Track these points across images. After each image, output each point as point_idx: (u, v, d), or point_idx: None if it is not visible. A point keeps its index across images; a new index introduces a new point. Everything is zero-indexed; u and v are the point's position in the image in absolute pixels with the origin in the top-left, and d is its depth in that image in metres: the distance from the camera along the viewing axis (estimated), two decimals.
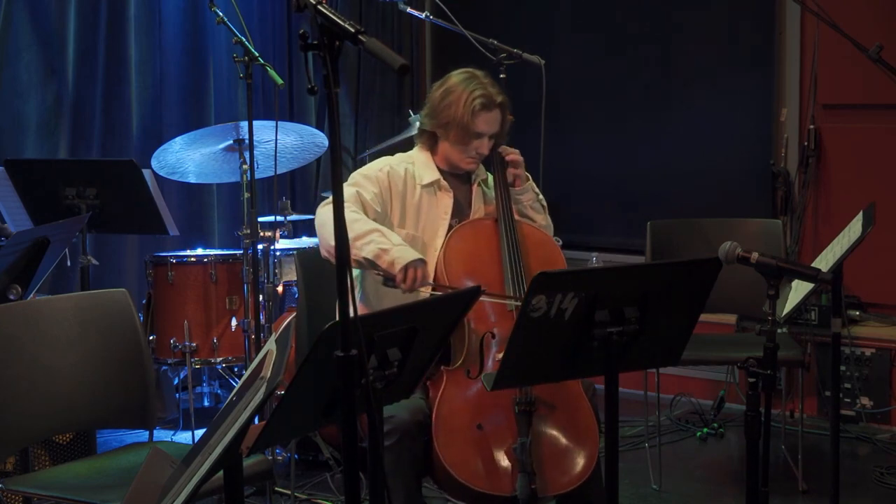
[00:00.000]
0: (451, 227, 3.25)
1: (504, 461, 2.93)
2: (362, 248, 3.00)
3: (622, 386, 2.55)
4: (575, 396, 3.06)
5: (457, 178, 3.36)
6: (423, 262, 3.02)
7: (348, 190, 3.16)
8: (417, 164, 3.31)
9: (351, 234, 2.98)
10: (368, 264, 3.03)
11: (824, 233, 4.94)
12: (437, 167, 3.32)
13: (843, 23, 3.77)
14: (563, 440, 3.01)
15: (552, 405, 3.01)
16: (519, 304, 3.05)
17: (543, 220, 3.43)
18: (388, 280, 3.01)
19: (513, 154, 3.33)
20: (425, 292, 3.02)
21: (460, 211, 3.32)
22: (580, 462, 2.99)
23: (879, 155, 4.95)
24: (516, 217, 3.30)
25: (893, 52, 3.70)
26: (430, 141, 3.33)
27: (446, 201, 3.29)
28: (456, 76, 3.30)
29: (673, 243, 4.30)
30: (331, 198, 3.09)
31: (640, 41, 5.64)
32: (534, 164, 3.94)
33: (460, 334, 3.07)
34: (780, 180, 5.16)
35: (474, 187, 3.38)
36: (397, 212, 3.24)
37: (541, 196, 3.43)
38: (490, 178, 3.43)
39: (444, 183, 3.30)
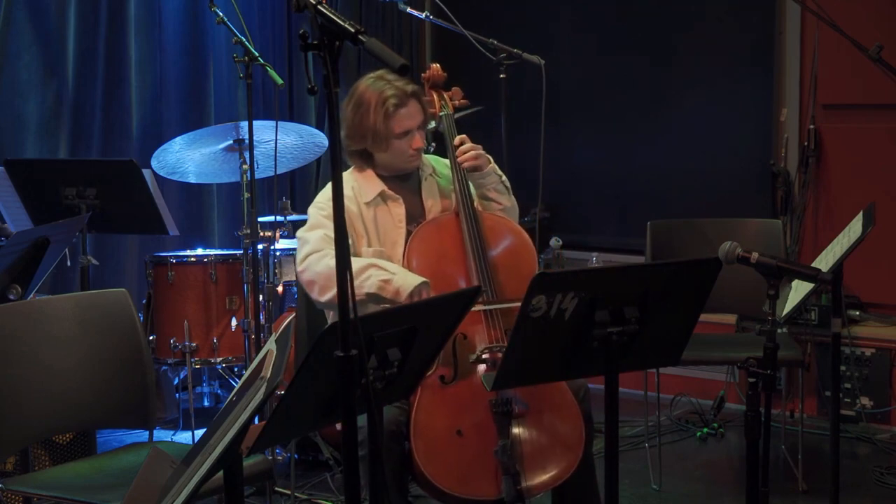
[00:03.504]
0: (409, 232, 3.18)
1: (487, 465, 2.89)
2: (363, 286, 2.98)
3: (622, 386, 2.54)
4: (554, 392, 3.02)
5: (403, 181, 3.28)
6: (427, 284, 2.99)
7: (314, 234, 3.12)
8: (359, 183, 3.23)
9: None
10: (372, 299, 3.00)
11: (824, 233, 4.94)
12: (380, 177, 3.24)
13: (843, 23, 3.76)
14: (544, 438, 2.97)
15: (530, 403, 2.97)
16: (490, 307, 3.05)
17: (508, 201, 3.35)
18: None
19: (464, 153, 3.22)
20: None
21: (414, 216, 3.25)
22: (564, 458, 2.96)
23: (879, 155, 4.95)
24: (478, 207, 3.23)
25: (893, 52, 3.70)
26: (363, 158, 3.24)
27: (398, 210, 3.22)
28: (362, 84, 3.22)
29: (673, 243, 4.30)
30: (305, 250, 3.09)
31: (640, 41, 5.64)
32: (534, 164, 3.95)
33: None
34: (780, 180, 5.15)
35: (424, 183, 3.31)
36: (362, 235, 3.18)
37: (504, 178, 3.35)
38: (439, 165, 3.36)
39: (389, 193, 3.22)
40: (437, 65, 3.41)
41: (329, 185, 3.17)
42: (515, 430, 2.92)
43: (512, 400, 2.91)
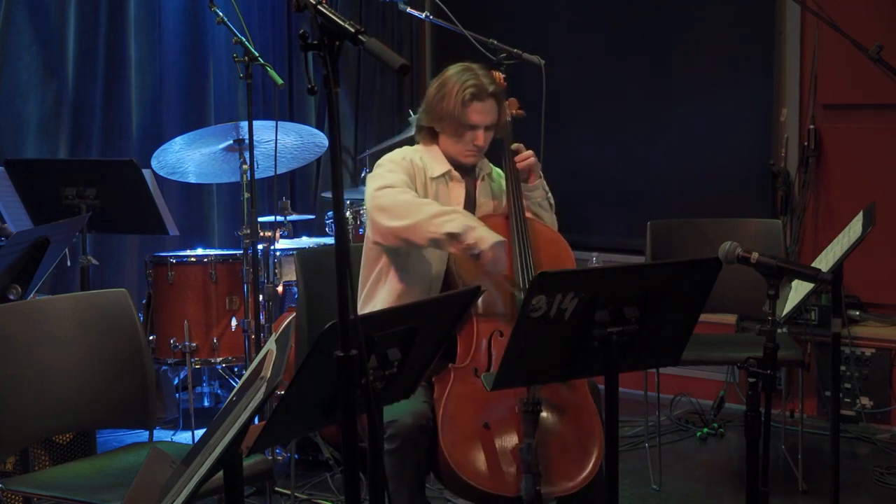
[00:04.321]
0: None
1: (509, 461, 2.92)
2: (444, 224, 2.98)
3: (622, 386, 2.55)
4: (581, 398, 3.06)
5: (463, 171, 3.34)
6: (504, 244, 3.01)
7: (395, 175, 3.15)
8: (426, 157, 3.29)
9: (425, 214, 3.00)
10: (442, 242, 3.01)
11: (824, 233, 4.94)
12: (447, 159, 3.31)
13: (843, 23, 3.76)
14: (570, 442, 3.00)
15: (559, 406, 3.00)
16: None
17: (549, 218, 3.42)
18: (475, 255, 2.99)
19: (525, 160, 3.31)
20: (499, 279, 3.05)
21: (470, 203, 3.32)
22: (585, 465, 2.97)
23: (879, 155, 4.95)
24: (528, 214, 3.29)
25: (893, 52, 3.70)
26: (431, 136, 3.32)
27: (458, 191, 3.29)
28: (452, 69, 3.30)
29: (673, 243, 4.30)
30: (381, 182, 3.12)
31: (640, 41, 5.65)
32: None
33: (468, 332, 3.07)
34: (780, 180, 5.16)
35: (479, 182, 3.37)
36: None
37: (550, 194, 3.42)
38: (494, 171, 3.42)
39: (455, 174, 3.29)
40: (500, 74, 3.45)
41: (395, 151, 3.28)
42: (541, 431, 2.93)
43: (541, 401, 2.92)
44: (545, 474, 2.88)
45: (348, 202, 4.76)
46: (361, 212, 4.57)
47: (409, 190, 3.13)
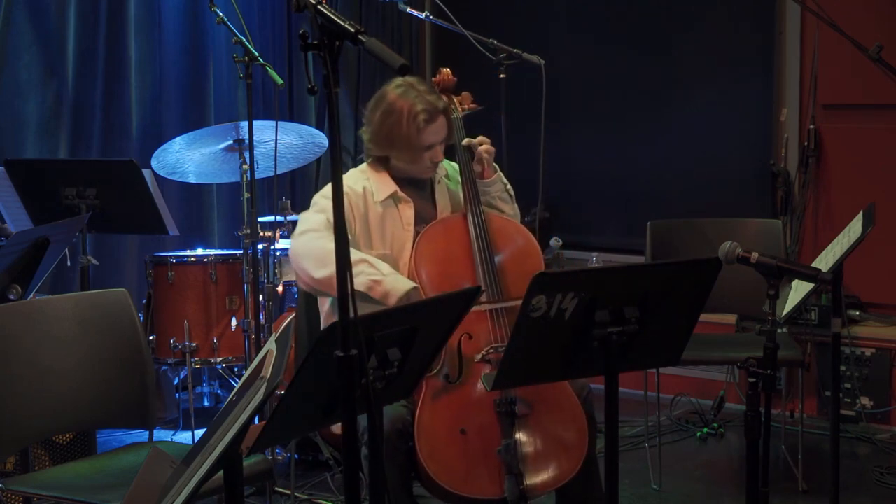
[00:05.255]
0: (417, 234, 3.19)
1: (490, 464, 2.91)
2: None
3: (622, 386, 2.55)
4: (557, 393, 3.03)
5: (416, 186, 3.30)
6: (417, 290, 3.00)
7: (317, 217, 3.12)
8: (373, 180, 3.25)
9: (333, 267, 2.97)
10: (360, 297, 2.98)
11: (824, 233, 4.94)
12: (394, 178, 3.26)
13: (843, 23, 3.76)
14: (548, 438, 2.99)
15: (533, 404, 2.98)
16: (495, 306, 3.05)
17: (511, 209, 3.39)
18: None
19: (482, 149, 3.25)
20: None
21: (423, 219, 3.26)
22: (566, 459, 2.98)
23: (879, 155, 4.95)
24: (486, 209, 3.25)
25: (893, 52, 3.70)
26: (379, 162, 3.29)
27: (407, 213, 3.23)
28: (391, 92, 3.23)
29: (673, 243, 4.30)
30: (303, 227, 3.10)
31: (640, 41, 5.64)
32: (534, 164, 3.95)
33: None
34: (780, 180, 5.15)
35: (437, 186, 3.34)
36: (363, 233, 3.18)
37: (508, 186, 3.38)
38: (450, 168, 3.38)
39: (401, 195, 3.24)
40: (448, 70, 3.43)
41: (343, 176, 3.22)
42: (519, 430, 2.92)
43: (516, 400, 2.92)
44: (527, 472, 2.87)
45: None
46: None
47: (329, 235, 3.02)
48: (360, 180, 3.25)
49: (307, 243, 3.07)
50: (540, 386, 2.98)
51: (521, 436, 2.92)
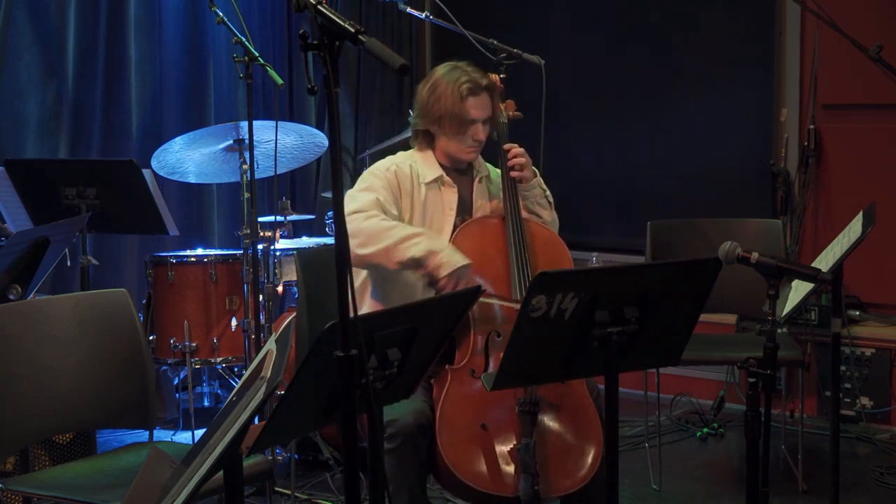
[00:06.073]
0: (455, 224, 3.26)
1: (507, 462, 2.92)
2: (409, 249, 3.03)
3: (622, 386, 2.54)
4: (579, 397, 3.06)
5: (459, 174, 3.36)
6: (469, 267, 3.04)
7: (367, 196, 3.17)
8: (419, 162, 3.31)
9: (392, 238, 3.04)
10: (411, 265, 3.05)
11: (824, 233, 4.94)
12: (439, 163, 3.33)
13: (843, 23, 3.76)
14: (567, 442, 3.00)
15: (556, 406, 3.01)
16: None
17: (549, 216, 3.43)
18: (434, 282, 3.03)
19: (516, 157, 3.30)
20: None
21: (464, 207, 3.33)
22: (584, 464, 2.98)
23: (879, 155, 4.95)
24: (524, 215, 3.30)
25: (893, 52, 3.70)
26: (427, 139, 3.34)
27: (450, 197, 3.30)
28: (440, 70, 3.33)
29: (673, 243, 4.30)
30: (352, 206, 3.12)
31: (640, 41, 5.64)
32: (534, 164, 3.94)
33: (465, 333, 3.07)
34: (780, 180, 5.16)
35: (476, 183, 3.38)
36: (407, 210, 3.25)
37: (548, 192, 3.43)
38: (493, 172, 3.43)
39: (447, 179, 3.31)
40: (496, 75, 3.47)
41: (387, 158, 3.31)
42: (539, 431, 2.93)
43: (539, 401, 2.92)
44: (543, 474, 2.88)
45: None
46: None
47: (378, 213, 3.12)
48: (408, 160, 3.32)
49: (357, 222, 3.11)
50: (562, 389, 3.01)
51: (540, 436, 2.93)
